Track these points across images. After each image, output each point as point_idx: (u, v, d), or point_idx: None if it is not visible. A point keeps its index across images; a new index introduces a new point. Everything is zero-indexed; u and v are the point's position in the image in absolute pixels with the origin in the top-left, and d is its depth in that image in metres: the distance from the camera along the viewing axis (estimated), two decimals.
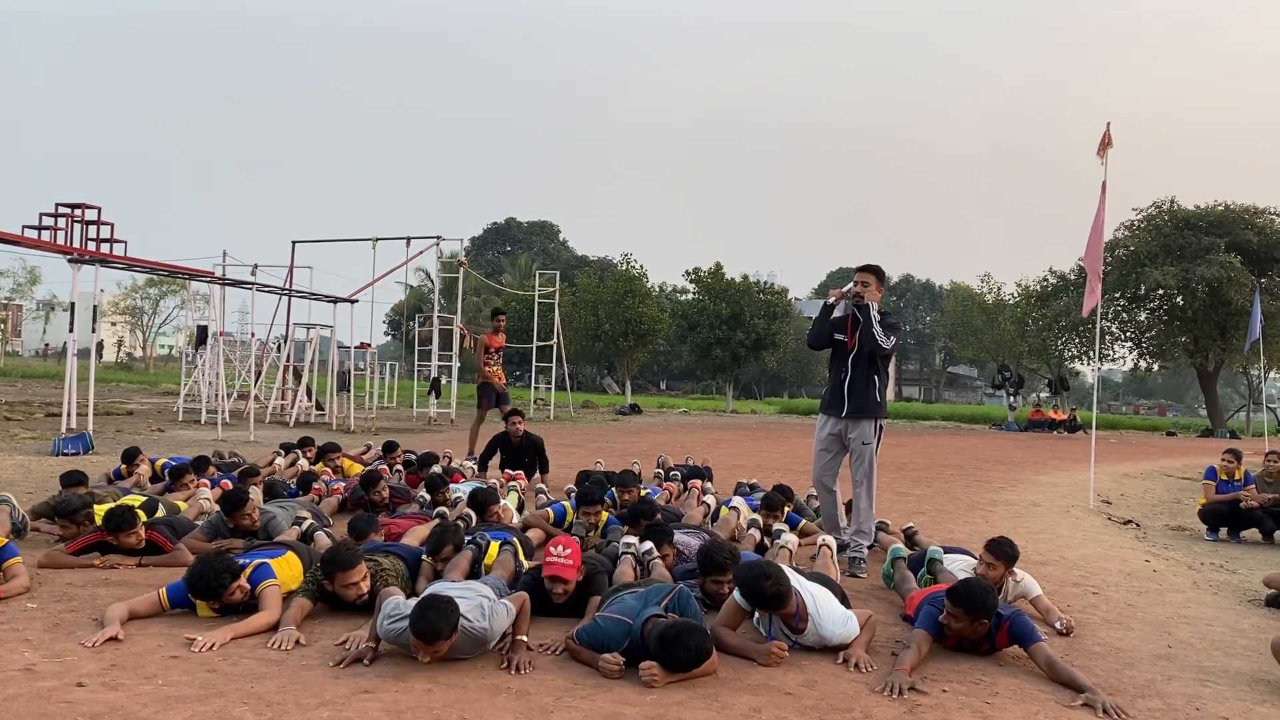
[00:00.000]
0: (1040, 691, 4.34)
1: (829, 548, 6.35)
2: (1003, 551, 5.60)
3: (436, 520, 6.88)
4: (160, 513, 7.11)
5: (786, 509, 8.01)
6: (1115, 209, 50.62)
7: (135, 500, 7.09)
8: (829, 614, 4.77)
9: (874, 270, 7.16)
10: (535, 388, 32.78)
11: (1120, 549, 8.91)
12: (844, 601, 5.33)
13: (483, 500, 7.29)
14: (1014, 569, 5.67)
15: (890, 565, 6.39)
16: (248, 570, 5.09)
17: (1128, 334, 42.04)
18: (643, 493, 8.68)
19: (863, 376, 6.96)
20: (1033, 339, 44.05)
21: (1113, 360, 46.04)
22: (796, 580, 4.84)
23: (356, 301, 22.80)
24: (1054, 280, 42.75)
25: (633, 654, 4.35)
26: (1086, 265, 14.04)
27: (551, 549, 5.21)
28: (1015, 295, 47.17)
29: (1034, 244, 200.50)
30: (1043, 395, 50.10)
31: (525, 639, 4.50)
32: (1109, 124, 12.31)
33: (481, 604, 4.46)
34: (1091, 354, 39.77)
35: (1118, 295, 39.17)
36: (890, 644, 5.03)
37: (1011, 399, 41.12)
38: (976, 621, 4.66)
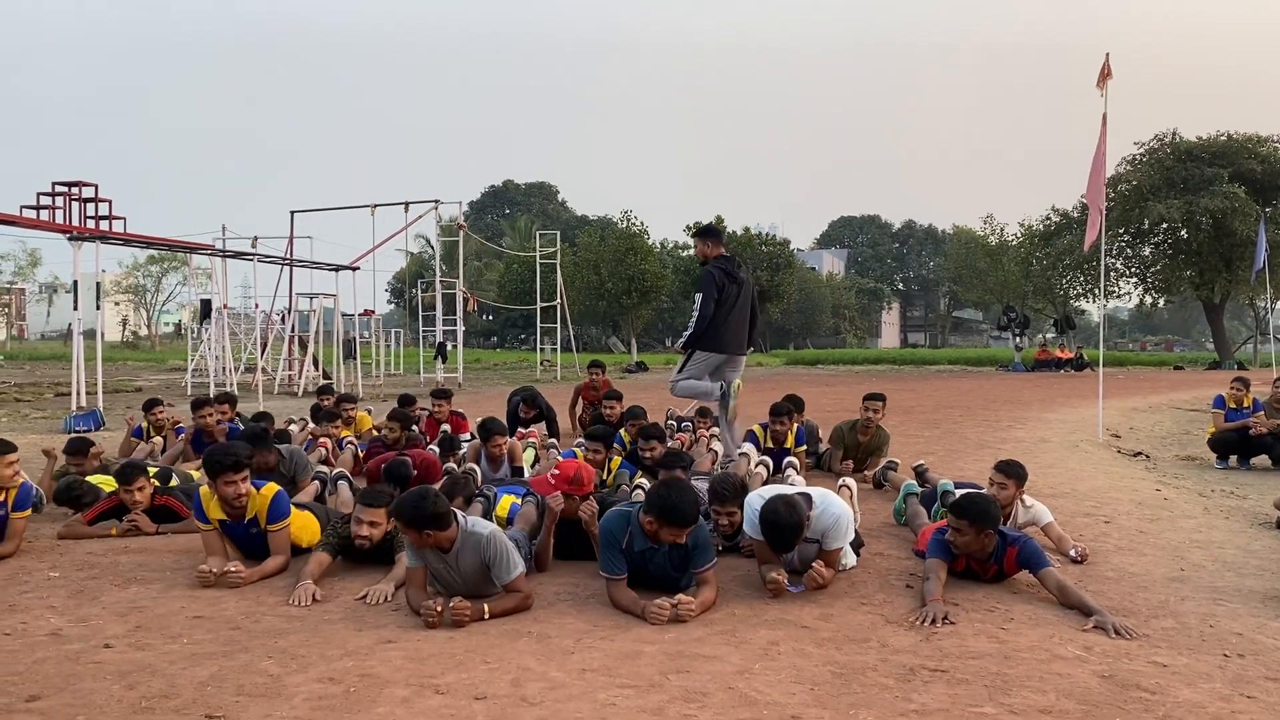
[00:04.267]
0: (1055, 616, 4.38)
1: (849, 489, 6.39)
2: (1013, 470, 5.69)
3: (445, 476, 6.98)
4: (174, 482, 7.17)
5: (796, 421, 8.29)
6: (1116, 143, 50.24)
7: (150, 470, 7.14)
8: (831, 505, 4.91)
9: (696, 233, 8.64)
10: (540, 349, 32.84)
11: (1130, 480, 8.95)
12: (858, 541, 5.39)
13: (490, 427, 7.50)
14: (1024, 496, 5.72)
15: (903, 501, 6.44)
16: (268, 490, 5.27)
17: (1132, 270, 41.90)
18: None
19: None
20: (1037, 279, 43.94)
21: (1118, 297, 46.00)
22: (802, 486, 5.06)
23: (358, 269, 22.78)
24: (1056, 218, 42.53)
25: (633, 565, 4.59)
26: (1088, 200, 13.93)
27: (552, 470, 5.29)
28: (1018, 236, 46.98)
29: (1036, 183, 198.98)
30: (1049, 335, 50.05)
31: (489, 609, 4.32)
32: (1108, 55, 12.19)
33: (494, 528, 4.59)
34: (1096, 291, 39.59)
35: (1121, 231, 38.97)
36: (904, 577, 5.08)
37: (1017, 340, 41.08)
38: (981, 533, 4.70)
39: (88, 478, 6.89)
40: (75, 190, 18.42)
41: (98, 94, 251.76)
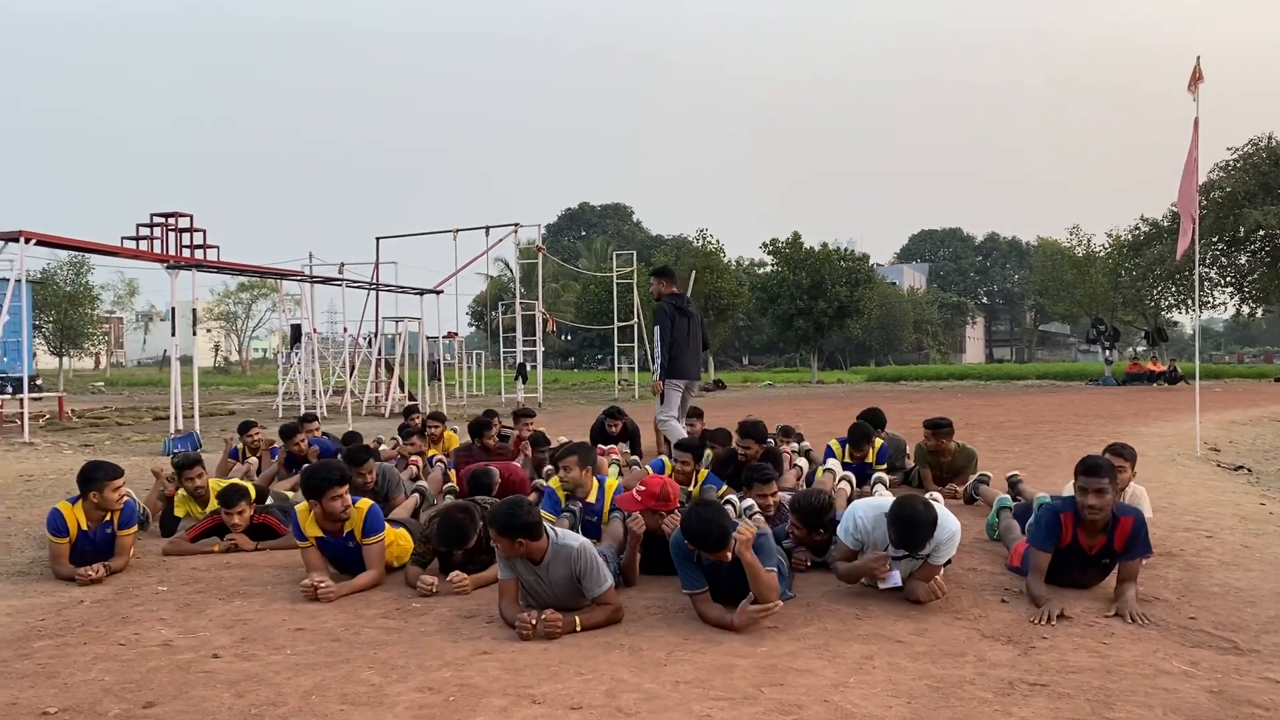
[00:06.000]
0: (1157, 632, 4.27)
1: (936, 502, 6.30)
2: (1127, 451, 5.99)
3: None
4: (269, 500, 7.37)
5: (879, 442, 8.22)
6: (1208, 149, 48.61)
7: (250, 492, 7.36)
8: (948, 522, 4.87)
9: (652, 273, 9.96)
10: (618, 369, 32.97)
11: (1232, 494, 8.64)
12: None
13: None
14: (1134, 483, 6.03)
15: (995, 515, 6.32)
16: (363, 505, 5.42)
17: (1228, 279, 40.38)
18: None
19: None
20: (1126, 290, 42.63)
21: (1212, 307, 44.43)
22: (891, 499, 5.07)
23: (441, 292, 23.23)
24: (1146, 228, 41.29)
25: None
26: (1180, 207, 13.53)
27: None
28: (1106, 246, 45.76)
29: (1123, 192, 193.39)
30: (1139, 348, 48.57)
31: (580, 621, 4.38)
32: (1199, 58, 11.87)
33: (584, 541, 4.63)
34: (1190, 302, 38.36)
35: (1215, 239, 37.66)
36: (999, 592, 4.99)
37: (1107, 353, 39.95)
38: (1102, 496, 4.72)
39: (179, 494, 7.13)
40: (171, 221, 19.17)
41: (188, 125, 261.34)
